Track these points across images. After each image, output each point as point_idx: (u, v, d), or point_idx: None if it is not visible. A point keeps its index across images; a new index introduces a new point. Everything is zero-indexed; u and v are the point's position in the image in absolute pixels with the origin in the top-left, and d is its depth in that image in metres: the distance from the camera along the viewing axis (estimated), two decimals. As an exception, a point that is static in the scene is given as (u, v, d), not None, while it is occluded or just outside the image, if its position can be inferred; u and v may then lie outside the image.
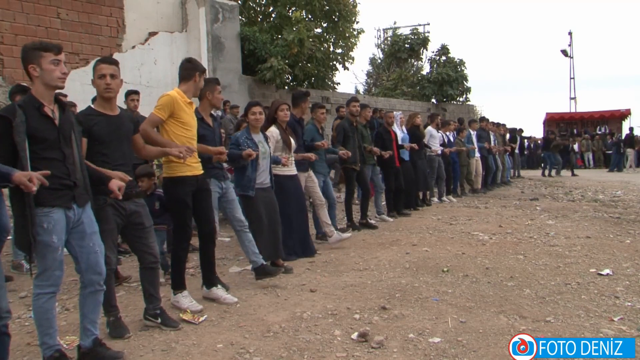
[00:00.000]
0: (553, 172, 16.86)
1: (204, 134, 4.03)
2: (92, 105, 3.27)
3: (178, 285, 3.83)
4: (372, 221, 7.39)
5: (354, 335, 3.20)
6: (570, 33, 29.66)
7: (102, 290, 2.89)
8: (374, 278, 4.57)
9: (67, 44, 8.28)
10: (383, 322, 3.47)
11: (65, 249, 2.74)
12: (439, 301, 3.89)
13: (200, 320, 3.52)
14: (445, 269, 4.79)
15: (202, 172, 3.84)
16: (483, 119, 12.78)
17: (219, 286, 4.02)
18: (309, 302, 3.90)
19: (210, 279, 4.00)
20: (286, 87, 12.44)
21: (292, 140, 5.33)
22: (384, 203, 8.08)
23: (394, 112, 8.69)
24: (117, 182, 2.92)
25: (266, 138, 4.88)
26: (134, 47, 9.38)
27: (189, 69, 3.80)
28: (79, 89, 8.03)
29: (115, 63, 3.21)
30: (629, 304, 3.79)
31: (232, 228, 4.46)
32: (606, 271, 4.62)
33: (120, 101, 3.63)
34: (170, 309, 3.73)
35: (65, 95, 5.69)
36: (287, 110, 5.27)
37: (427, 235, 6.52)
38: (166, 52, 9.82)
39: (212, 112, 4.39)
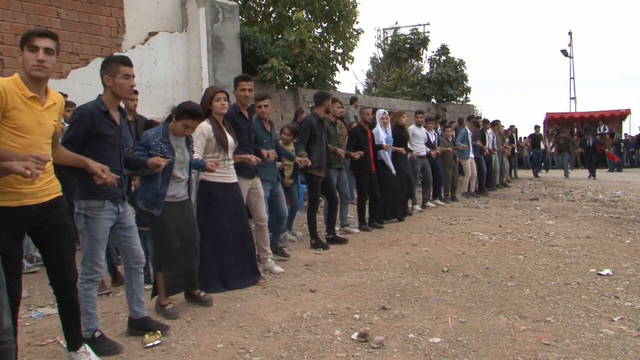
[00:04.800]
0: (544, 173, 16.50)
1: (108, 133, 3.02)
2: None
3: None
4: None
5: (354, 335, 3.20)
6: (570, 33, 29.81)
7: None
8: (374, 278, 4.57)
9: (67, 44, 8.29)
10: (383, 322, 3.47)
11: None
12: (439, 301, 3.89)
13: (154, 342, 3.15)
14: (445, 269, 4.80)
15: (47, 198, 2.58)
16: (471, 117, 11.60)
17: (86, 346, 2.87)
18: (309, 302, 3.90)
19: (74, 339, 2.85)
20: (286, 87, 12.50)
21: (231, 139, 4.33)
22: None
23: (377, 110, 7.73)
24: None
25: (189, 143, 3.79)
26: (134, 47, 9.38)
27: None
28: (79, 89, 8.06)
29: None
30: (629, 304, 3.80)
31: (124, 263, 3.31)
32: (606, 271, 4.62)
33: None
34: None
35: (66, 95, 5.73)
36: (225, 100, 4.24)
37: (427, 235, 6.52)
38: (166, 52, 9.81)
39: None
